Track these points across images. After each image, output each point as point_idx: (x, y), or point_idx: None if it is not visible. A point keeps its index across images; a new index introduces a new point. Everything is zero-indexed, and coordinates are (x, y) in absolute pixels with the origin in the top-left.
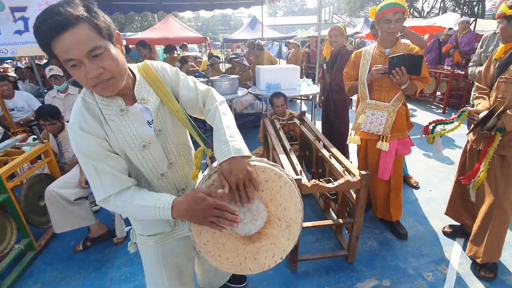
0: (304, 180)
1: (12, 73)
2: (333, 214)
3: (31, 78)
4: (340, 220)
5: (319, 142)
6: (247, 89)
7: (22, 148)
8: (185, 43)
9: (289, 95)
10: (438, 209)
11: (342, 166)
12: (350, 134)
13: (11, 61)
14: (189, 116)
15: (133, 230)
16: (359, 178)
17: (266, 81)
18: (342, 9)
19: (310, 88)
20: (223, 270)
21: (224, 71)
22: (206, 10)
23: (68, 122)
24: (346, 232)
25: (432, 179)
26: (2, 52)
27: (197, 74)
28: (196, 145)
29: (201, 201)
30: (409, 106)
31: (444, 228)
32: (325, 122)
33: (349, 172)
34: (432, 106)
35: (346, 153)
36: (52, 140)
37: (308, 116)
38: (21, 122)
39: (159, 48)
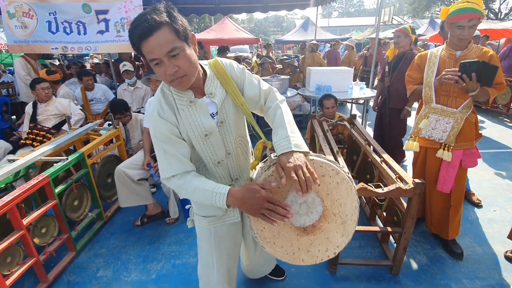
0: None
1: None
2: (379, 223)
3: (106, 72)
4: (389, 228)
5: (370, 147)
6: (297, 90)
7: (99, 131)
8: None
9: (339, 98)
10: (501, 232)
11: (394, 173)
12: (408, 139)
13: (87, 57)
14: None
15: (192, 208)
16: (412, 186)
17: (317, 82)
18: (404, 10)
19: (363, 92)
20: (277, 257)
21: (274, 71)
22: (261, 12)
23: (135, 112)
24: (393, 242)
25: (497, 199)
26: (87, 49)
27: None
28: (253, 140)
29: (255, 193)
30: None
31: (506, 252)
32: (378, 128)
33: (402, 179)
34: (506, 119)
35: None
36: (121, 128)
37: (358, 121)
38: (100, 113)
39: (214, 49)
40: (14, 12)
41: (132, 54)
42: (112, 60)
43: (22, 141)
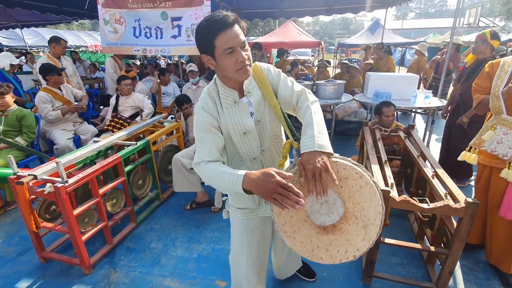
0: (394, 193)
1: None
2: (427, 243)
3: (175, 72)
4: (432, 248)
5: (423, 160)
6: (354, 95)
7: (164, 123)
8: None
9: (400, 106)
10: None
11: (446, 189)
12: (467, 150)
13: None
14: (285, 113)
15: (228, 200)
16: (463, 205)
17: (375, 88)
18: (497, 11)
19: (428, 101)
20: (297, 252)
21: (333, 75)
22: (325, 15)
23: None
24: (439, 264)
25: None
26: (162, 51)
27: (303, 77)
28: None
29: (270, 177)
30: None
31: None
32: (447, 139)
33: (453, 197)
34: None
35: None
36: (182, 122)
37: (421, 131)
38: (168, 106)
39: (275, 51)
40: (109, 19)
41: None
42: (183, 62)
43: (105, 127)
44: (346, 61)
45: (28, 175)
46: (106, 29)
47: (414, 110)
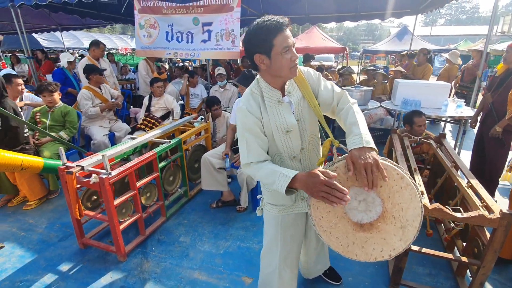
0: (425, 200)
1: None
2: (457, 254)
3: (201, 75)
4: (464, 258)
5: (457, 170)
6: (380, 102)
7: (193, 124)
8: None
9: (429, 115)
10: None
11: (481, 201)
12: (507, 170)
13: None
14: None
15: (263, 198)
16: (498, 216)
17: (404, 96)
18: None
19: (460, 110)
20: (331, 247)
21: (357, 82)
22: (352, 21)
23: (223, 111)
24: (469, 276)
25: None
26: (192, 55)
27: None
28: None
29: (315, 176)
30: None
31: None
32: (477, 149)
33: (488, 208)
34: None
35: (492, 195)
36: (210, 123)
37: (451, 141)
38: (195, 107)
39: (300, 56)
40: (144, 24)
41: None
42: (211, 65)
43: (138, 125)
44: (373, 67)
45: (76, 166)
46: (141, 33)
47: (443, 119)
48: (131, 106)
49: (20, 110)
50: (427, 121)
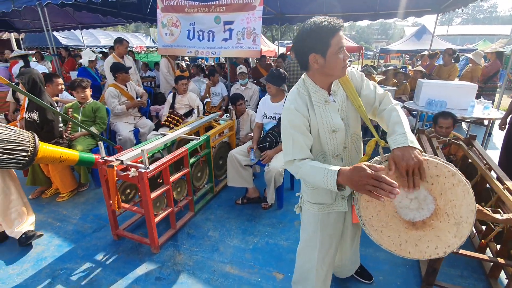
0: None
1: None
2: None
3: (219, 73)
4: (500, 259)
5: (490, 172)
6: (402, 103)
7: (219, 121)
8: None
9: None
10: None
11: None
12: None
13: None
14: None
15: (302, 196)
16: None
17: (429, 96)
18: None
19: (487, 111)
20: (382, 246)
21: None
22: (370, 20)
23: (247, 109)
24: (503, 279)
25: None
26: (212, 53)
27: None
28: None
29: (361, 170)
30: None
31: None
32: (506, 151)
33: None
34: None
35: None
36: (234, 121)
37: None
38: (216, 105)
39: None
40: (166, 22)
41: (249, 59)
42: (231, 63)
43: (162, 122)
44: (393, 67)
45: (116, 160)
46: (163, 31)
47: (468, 120)
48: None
49: (56, 105)
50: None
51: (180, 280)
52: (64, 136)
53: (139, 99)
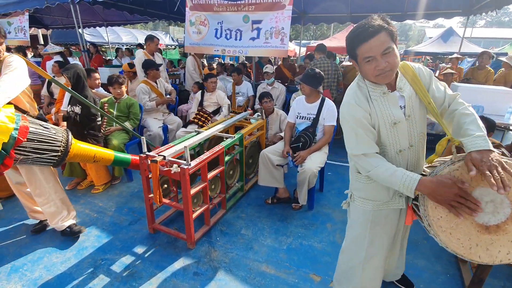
0: None
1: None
2: None
3: (242, 72)
4: None
5: None
6: None
7: (250, 120)
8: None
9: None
10: None
11: None
12: None
13: (217, 59)
14: None
15: (352, 193)
16: None
17: (465, 101)
18: None
19: None
20: (449, 248)
21: None
22: (397, 21)
23: (276, 108)
24: None
25: None
26: (239, 52)
27: None
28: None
29: (449, 186)
30: None
31: None
32: None
33: None
34: None
35: None
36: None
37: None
38: (241, 105)
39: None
40: (194, 21)
41: (273, 58)
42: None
43: (191, 119)
44: None
45: (158, 155)
46: (191, 30)
47: (508, 127)
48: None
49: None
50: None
51: (218, 276)
52: (101, 130)
53: (168, 96)
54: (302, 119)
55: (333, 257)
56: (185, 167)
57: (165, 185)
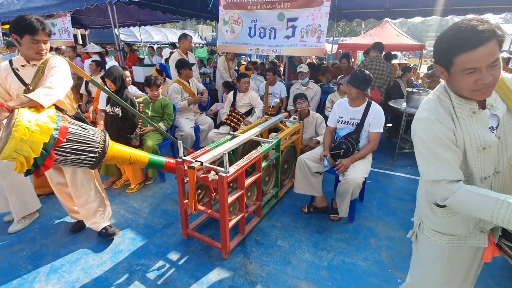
0: None
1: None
2: None
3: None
4: None
5: None
6: None
7: (285, 123)
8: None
9: None
10: None
11: None
12: None
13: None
14: None
15: (422, 223)
16: None
17: None
18: None
19: None
20: None
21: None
22: (440, 16)
23: (312, 111)
24: None
25: None
26: (273, 51)
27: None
28: None
29: None
30: None
31: None
32: None
33: None
34: None
35: None
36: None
37: None
38: (274, 106)
39: (360, 54)
40: (228, 19)
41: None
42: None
43: (223, 120)
44: None
45: (196, 161)
46: (224, 29)
47: None
48: None
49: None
50: None
51: None
52: (137, 130)
53: (199, 95)
54: (344, 124)
55: (381, 279)
56: (224, 174)
57: (199, 190)
